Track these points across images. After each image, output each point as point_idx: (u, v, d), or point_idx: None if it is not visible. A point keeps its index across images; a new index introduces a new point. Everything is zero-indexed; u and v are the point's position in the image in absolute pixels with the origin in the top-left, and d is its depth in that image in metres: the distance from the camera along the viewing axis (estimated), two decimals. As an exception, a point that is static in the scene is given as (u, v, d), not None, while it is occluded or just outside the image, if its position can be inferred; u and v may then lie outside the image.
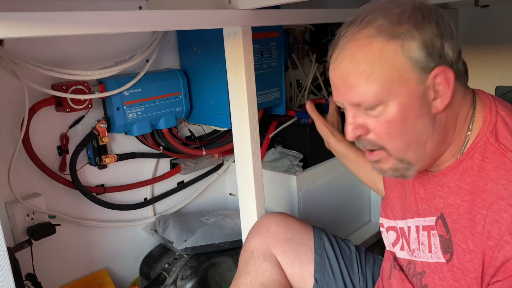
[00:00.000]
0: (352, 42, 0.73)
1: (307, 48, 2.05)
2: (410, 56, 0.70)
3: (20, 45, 1.21)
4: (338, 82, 0.76)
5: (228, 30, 1.15)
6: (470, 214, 0.72)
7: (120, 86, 1.36)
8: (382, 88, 0.71)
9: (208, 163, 1.74)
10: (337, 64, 0.75)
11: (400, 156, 0.76)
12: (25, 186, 1.29)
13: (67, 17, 0.80)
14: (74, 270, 1.45)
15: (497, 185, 0.70)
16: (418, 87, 0.71)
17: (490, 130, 0.74)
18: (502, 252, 0.67)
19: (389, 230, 0.97)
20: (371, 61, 0.71)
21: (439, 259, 0.79)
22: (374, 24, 0.71)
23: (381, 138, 0.75)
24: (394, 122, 0.73)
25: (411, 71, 0.70)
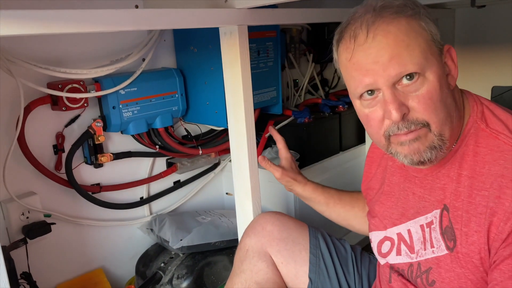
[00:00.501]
0: (379, 19, 0.74)
1: (304, 47, 2.05)
2: (430, 30, 0.75)
3: (16, 44, 1.20)
4: (371, 61, 0.74)
5: (224, 29, 1.15)
6: (471, 197, 0.75)
7: (116, 85, 1.36)
8: (421, 56, 0.73)
9: (204, 162, 1.74)
10: (369, 43, 0.74)
11: (440, 130, 0.76)
12: (20, 184, 1.29)
13: (63, 15, 0.79)
14: (70, 269, 1.45)
15: (495, 166, 0.73)
16: (440, 60, 0.77)
17: (479, 117, 0.79)
18: (508, 225, 0.69)
19: (385, 241, 0.96)
20: (405, 32, 0.74)
21: (442, 251, 0.80)
22: (392, 7, 0.75)
23: (427, 112, 0.74)
24: (435, 92, 0.74)
25: (434, 45, 0.76)
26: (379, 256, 0.98)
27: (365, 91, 0.77)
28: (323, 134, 1.77)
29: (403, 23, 0.74)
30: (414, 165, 0.80)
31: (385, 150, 0.82)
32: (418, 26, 0.74)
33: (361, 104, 0.80)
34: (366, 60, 0.75)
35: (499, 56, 2.20)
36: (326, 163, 1.75)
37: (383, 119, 0.77)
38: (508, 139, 0.74)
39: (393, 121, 0.75)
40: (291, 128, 1.73)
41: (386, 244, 0.96)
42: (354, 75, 0.77)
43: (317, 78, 2.13)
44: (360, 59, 0.75)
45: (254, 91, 1.24)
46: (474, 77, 2.26)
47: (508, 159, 0.72)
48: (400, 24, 0.74)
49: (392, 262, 0.94)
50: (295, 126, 1.72)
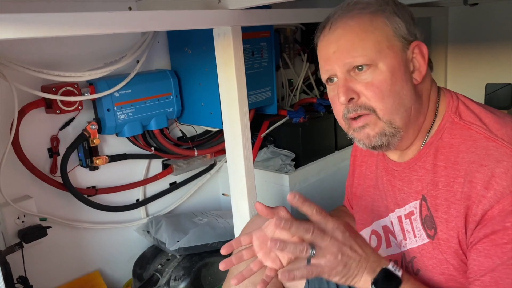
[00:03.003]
0: (344, 16, 0.82)
1: (298, 47, 2.05)
2: (394, 27, 0.80)
3: (9, 47, 1.20)
4: (330, 50, 0.82)
5: (218, 30, 1.15)
6: (449, 186, 0.79)
7: (111, 87, 1.35)
8: (373, 48, 0.79)
9: (200, 164, 1.74)
10: (330, 34, 0.83)
11: (389, 118, 0.81)
12: (15, 188, 1.28)
13: (56, 18, 0.79)
14: (66, 272, 1.44)
15: (467, 154, 0.78)
16: (402, 54, 0.81)
17: (453, 112, 0.83)
18: (480, 207, 0.73)
19: (371, 235, 0.99)
20: (363, 26, 0.80)
21: (423, 240, 0.84)
22: (361, 4, 0.82)
23: (373, 98, 0.80)
24: (385, 81, 0.79)
25: (396, 39, 0.81)
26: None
27: (327, 78, 0.86)
28: (319, 133, 1.77)
29: (365, 19, 0.80)
30: (370, 149, 0.85)
31: (348, 134, 0.88)
32: (381, 22, 0.80)
33: (328, 89, 0.89)
34: (326, 50, 0.83)
35: (492, 54, 2.21)
36: (321, 162, 1.75)
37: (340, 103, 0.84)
38: (480, 129, 0.79)
39: (341, 104, 0.83)
40: (287, 128, 1.73)
41: (373, 239, 0.98)
42: (320, 63, 0.87)
43: (312, 77, 2.13)
44: (323, 48, 0.85)
45: (249, 92, 1.24)
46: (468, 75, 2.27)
47: (479, 146, 0.77)
48: (361, 19, 0.80)
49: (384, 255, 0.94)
50: (290, 126, 1.72)
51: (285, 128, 1.74)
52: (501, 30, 2.11)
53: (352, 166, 1.12)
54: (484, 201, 0.72)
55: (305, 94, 2.17)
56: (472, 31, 2.26)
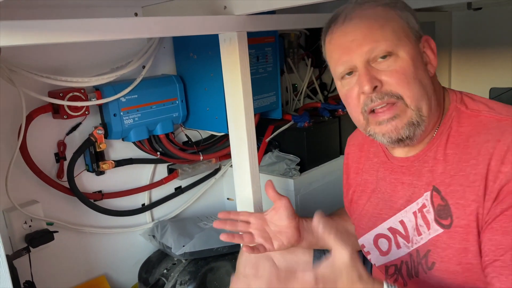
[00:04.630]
0: (357, 9, 0.82)
1: (302, 52, 2.06)
2: (407, 21, 0.82)
3: (17, 53, 1.21)
4: (347, 39, 0.81)
5: (223, 35, 1.16)
6: (462, 171, 0.79)
7: (117, 93, 1.36)
8: (393, 35, 0.79)
9: (205, 168, 1.75)
10: (345, 26, 0.82)
11: (417, 104, 0.79)
12: (22, 193, 1.29)
13: (64, 25, 0.80)
14: (73, 276, 1.45)
15: (479, 136, 0.78)
16: (416, 45, 0.82)
17: (459, 102, 0.85)
18: (497, 182, 0.73)
19: (379, 239, 0.97)
20: (379, 15, 0.81)
21: (437, 231, 0.82)
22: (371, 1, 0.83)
23: (399, 85, 0.79)
24: (408, 68, 0.79)
25: (410, 31, 0.82)
26: (380, 256, 0.98)
27: (345, 71, 0.83)
28: (323, 138, 1.77)
29: (379, 9, 0.81)
30: (393, 144, 0.83)
31: (364, 131, 0.86)
32: (393, 13, 0.82)
33: (341, 85, 0.86)
34: (343, 40, 0.82)
35: (496, 58, 2.21)
36: (326, 167, 1.75)
37: (359, 95, 0.82)
38: (489, 113, 0.80)
39: (365, 93, 0.80)
40: (291, 132, 1.74)
41: (382, 242, 0.97)
42: (333, 56, 0.85)
43: (316, 82, 2.14)
44: (338, 39, 0.83)
45: (254, 96, 1.24)
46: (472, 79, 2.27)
47: (491, 127, 0.77)
48: (375, 10, 0.81)
49: (396, 257, 0.94)
50: (295, 130, 1.73)
51: (289, 133, 1.74)
52: (505, 34, 2.11)
53: (346, 174, 1.11)
54: (501, 177, 0.72)
55: (310, 98, 2.18)
56: (476, 36, 2.26)
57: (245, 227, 1.04)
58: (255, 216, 1.05)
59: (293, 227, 1.02)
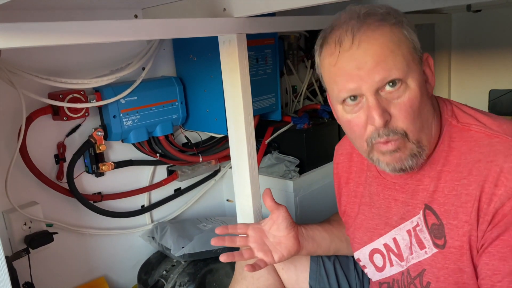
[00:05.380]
0: (364, 26, 0.75)
1: (302, 54, 2.07)
2: (412, 39, 0.77)
3: (17, 55, 1.21)
4: (356, 67, 0.74)
5: (223, 37, 1.16)
6: (454, 190, 0.77)
7: (117, 94, 1.37)
8: (404, 62, 0.75)
9: (205, 170, 1.75)
10: (354, 49, 0.74)
11: (417, 138, 0.77)
12: (22, 194, 1.29)
13: (64, 27, 0.80)
14: (72, 278, 1.45)
15: (470, 154, 0.76)
16: (420, 66, 0.78)
17: (450, 115, 0.82)
18: (491, 205, 0.71)
19: (374, 254, 0.96)
20: (390, 39, 0.75)
21: (432, 251, 0.81)
22: (376, 15, 0.76)
23: (406, 120, 0.76)
24: (416, 100, 0.76)
25: (414, 52, 0.77)
26: (376, 272, 0.97)
27: (348, 97, 0.78)
28: (323, 139, 1.77)
29: (387, 31, 0.75)
30: (396, 173, 0.81)
31: (366, 155, 0.83)
32: (401, 34, 0.76)
33: (343, 109, 0.81)
34: (350, 66, 0.75)
35: (495, 60, 2.21)
36: (326, 168, 1.75)
37: (366, 124, 0.78)
38: (480, 128, 0.77)
39: (376, 127, 0.76)
40: (291, 134, 1.74)
41: (377, 257, 0.96)
42: (338, 80, 0.78)
43: (316, 84, 2.14)
44: (345, 64, 0.76)
45: (254, 98, 1.25)
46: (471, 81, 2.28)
47: (482, 145, 0.75)
48: (384, 32, 0.75)
49: (389, 275, 0.94)
50: (294, 132, 1.73)
51: (289, 134, 1.74)
52: (505, 36, 2.12)
53: (337, 184, 1.09)
54: (495, 199, 0.71)
55: (309, 100, 2.18)
56: (475, 38, 2.27)
57: (244, 241, 1.04)
58: (253, 228, 1.05)
59: (292, 237, 1.02)
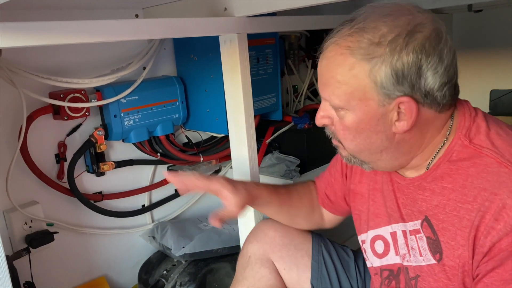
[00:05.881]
0: (335, 46, 0.76)
1: (303, 54, 2.06)
2: (375, 80, 0.72)
3: (18, 54, 1.21)
4: (319, 73, 0.81)
5: (224, 37, 1.16)
6: (455, 211, 0.76)
7: (117, 94, 1.37)
8: (344, 97, 0.76)
9: (205, 170, 1.75)
10: (320, 60, 0.80)
11: (352, 153, 0.84)
12: (23, 194, 1.29)
13: (64, 26, 0.80)
14: (73, 277, 1.45)
15: (477, 179, 0.74)
16: (378, 108, 0.75)
17: (463, 134, 0.78)
18: (488, 238, 0.70)
19: (376, 240, 0.96)
20: (341, 71, 0.75)
21: (429, 261, 0.81)
22: (358, 37, 0.73)
23: (340, 134, 0.83)
24: (349, 129, 0.79)
25: (375, 93, 0.73)
26: (374, 257, 0.98)
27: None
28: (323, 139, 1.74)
29: (346, 63, 0.74)
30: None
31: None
32: (361, 72, 0.73)
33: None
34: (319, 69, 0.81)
35: (497, 60, 2.21)
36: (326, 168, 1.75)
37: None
38: (491, 153, 0.74)
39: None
40: (291, 134, 1.74)
41: (379, 244, 0.96)
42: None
43: (316, 84, 2.14)
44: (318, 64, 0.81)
45: (254, 98, 1.25)
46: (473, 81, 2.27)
47: (490, 172, 0.73)
48: (343, 62, 0.74)
49: (389, 263, 0.94)
50: (295, 132, 1.73)
51: (290, 134, 1.74)
52: (506, 36, 2.11)
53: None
54: (493, 233, 0.70)
55: (310, 100, 2.18)
56: (476, 38, 2.26)
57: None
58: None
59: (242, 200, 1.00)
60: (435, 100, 0.75)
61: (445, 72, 0.73)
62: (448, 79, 0.74)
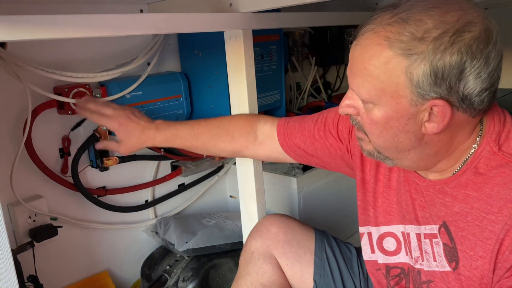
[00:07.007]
0: (372, 34, 0.70)
1: (307, 51, 2.06)
2: (412, 78, 0.67)
3: (23, 48, 1.21)
4: (350, 60, 0.75)
5: (229, 33, 1.16)
6: (478, 220, 0.72)
7: (122, 89, 1.37)
8: (374, 91, 0.71)
9: (208, 166, 1.75)
10: (354, 46, 0.73)
11: (377, 148, 0.79)
12: (27, 188, 1.30)
13: (69, 20, 0.80)
14: (76, 271, 1.46)
15: (504, 190, 0.70)
16: (410, 107, 0.70)
17: (493, 139, 0.74)
18: None
19: (386, 237, 0.94)
20: (375, 63, 0.69)
21: (444, 268, 0.79)
22: (399, 29, 0.67)
23: (365, 127, 0.78)
24: (377, 124, 0.74)
25: (408, 91, 0.68)
26: (379, 253, 0.96)
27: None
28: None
29: (383, 56, 0.68)
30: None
31: None
32: (398, 67, 0.67)
33: None
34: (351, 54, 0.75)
35: (501, 59, 2.20)
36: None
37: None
38: None
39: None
40: (295, 131, 1.73)
41: (389, 241, 0.93)
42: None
43: (320, 81, 2.14)
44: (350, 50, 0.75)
45: (258, 95, 1.25)
46: (477, 80, 2.27)
47: None
48: (379, 54, 0.68)
49: (398, 261, 0.92)
50: (298, 129, 1.72)
51: (293, 131, 1.74)
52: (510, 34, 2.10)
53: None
54: None
55: (313, 97, 2.18)
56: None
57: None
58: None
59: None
60: (471, 105, 0.69)
61: (488, 78, 0.67)
62: (489, 85, 0.68)
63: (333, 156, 1.05)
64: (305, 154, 1.08)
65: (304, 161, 1.11)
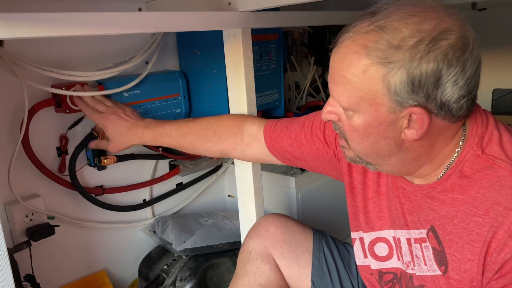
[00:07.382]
0: (351, 42, 0.71)
1: (306, 50, 2.06)
2: (389, 86, 0.68)
3: (20, 46, 1.21)
4: (330, 68, 0.77)
5: (228, 32, 1.15)
6: (465, 223, 0.73)
7: (120, 87, 1.36)
8: (353, 99, 0.72)
9: (207, 165, 1.75)
10: (333, 53, 0.75)
11: (358, 154, 0.81)
12: (24, 186, 1.29)
13: (67, 18, 0.80)
14: (73, 271, 1.45)
15: (490, 192, 0.70)
16: (389, 114, 0.71)
17: (476, 142, 0.75)
18: (501, 255, 0.68)
19: (377, 242, 0.94)
20: (354, 71, 0.70)
21: (435, 272, 0.79)
22: (376, 37, 0.68)
23: (346, 133, 0.80)
24: (357, 131, 0.76)
25: (386, 99, 0.69)
26: (372, 259, 0.96)
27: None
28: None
29: (360, 64, 0.69)
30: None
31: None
32: (375, 76, 0.68)
33: None
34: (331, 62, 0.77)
35: (500, 59, 2.20)
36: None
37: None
38: (505, 164, 0.71)
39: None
40: (293, 130, 1.73)
41: (381, 246, 0.94)
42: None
43: (319, 80, 2.13)
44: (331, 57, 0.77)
45: (257, 94, 1.24)
46: (476, 80, 2.27)
47: (504, 185, 0.69)
48: (357, 62, 0.69)
49: (391, 266, 0.93)
50: (297, 128, 1.72)
51: (292, 131, 1.73)
52: (510, 35, 2.11)
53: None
54: (506, 250, 0.67)
55: (312, 97, 2.18)
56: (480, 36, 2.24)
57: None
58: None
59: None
60: (450, 112, 0.71)
61: (466, 85, 0.68)
62: (467, 92, 0.69)
63: (320, 160, 1.05)
64: (292, 157, 1.09)
65: (292, 163, 1.12)
